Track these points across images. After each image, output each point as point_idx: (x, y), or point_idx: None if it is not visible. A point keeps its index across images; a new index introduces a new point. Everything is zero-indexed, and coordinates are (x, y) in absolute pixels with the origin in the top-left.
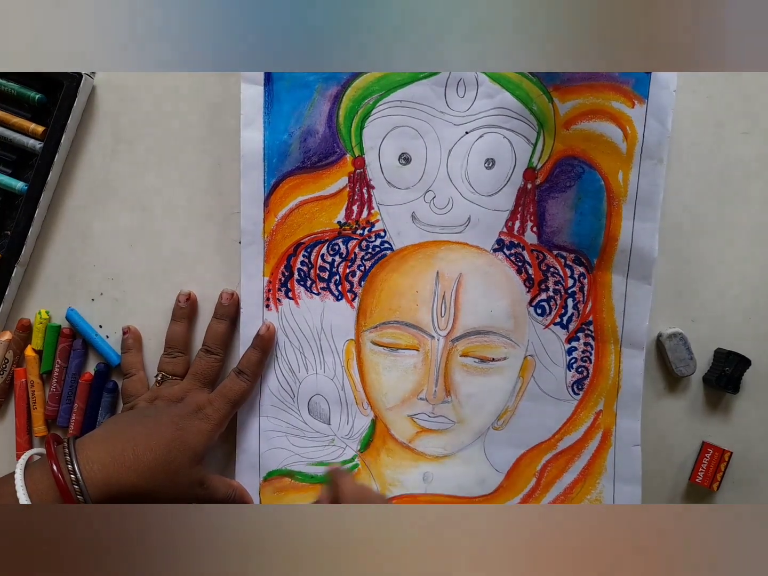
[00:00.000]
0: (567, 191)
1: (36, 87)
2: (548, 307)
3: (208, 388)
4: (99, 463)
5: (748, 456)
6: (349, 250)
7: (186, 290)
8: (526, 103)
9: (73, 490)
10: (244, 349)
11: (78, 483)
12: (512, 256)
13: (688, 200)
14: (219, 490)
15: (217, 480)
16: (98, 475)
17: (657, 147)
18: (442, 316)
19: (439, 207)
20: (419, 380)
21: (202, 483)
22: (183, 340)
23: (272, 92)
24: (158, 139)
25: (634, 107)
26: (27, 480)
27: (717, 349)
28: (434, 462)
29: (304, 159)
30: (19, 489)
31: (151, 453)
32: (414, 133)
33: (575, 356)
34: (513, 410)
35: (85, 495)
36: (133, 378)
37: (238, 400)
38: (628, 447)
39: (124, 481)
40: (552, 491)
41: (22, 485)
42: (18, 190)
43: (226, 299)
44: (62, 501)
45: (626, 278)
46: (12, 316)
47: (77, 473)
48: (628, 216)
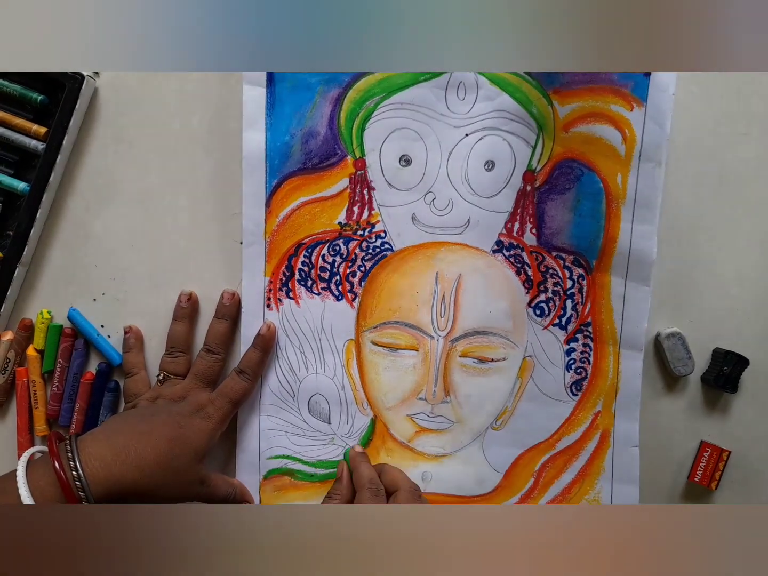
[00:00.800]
0: (566, 193)
1: (38, 88)
2: (547, 308)
3: (209, 387)
4: (101, 460)
5: (746, 455)
6: (349, 250)
7: (187, 290)
8: (525, 105)
9: (75, 486)
10: (245, 348)
11: (80, 480)
12: (511, 257)
13: (686, 200)
14: (220, 488)
15: (218, 478)
16: (100, 473)
17: (656, 150)
18: (441, 317)
19: (439, 208)
20: (419, 380)
21: (203, 481)
22: (184, 339)
23: (274, 94)
24: (160, 140)
25: (633, 110)
26: (29, 477)
27: (715, 349)
28: (433, 461)
29: (306, 160)
30: (21, 486)
31: (153, 451)
32: (415, 135)
33: (574, 357)
34: (512, 411)
35: (87, 492)
36: (134, 377)
37: (239, 400)
38: (627, 448)
39: (125, 479)
40: (550, 491)
41: (24, 483)
42: (20, 191)
43: (227, 299)
44: (64, 498)
45: (625, 280)
46: (14, 315)
47: (79, 470)
48: (626, 218)
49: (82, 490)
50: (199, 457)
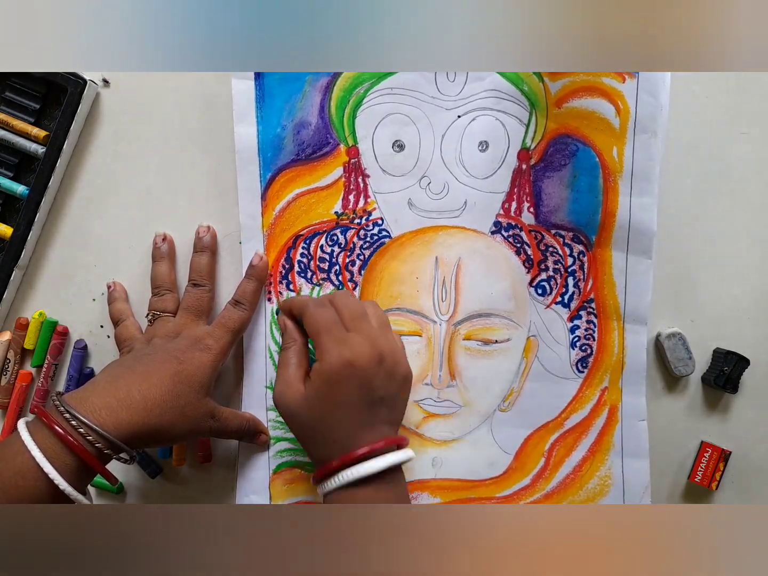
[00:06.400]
0: (562, 170)
1: (40, 90)
2: (549, 286)
3: (202, 320)
4: (106, 408)
5: (746, 455)
6: (347, 239)
7: (161, 231)
8: (516, 83)
9: (87, 441)
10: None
11: (91, 433)
12: (510, 237)
13: (686, 200)
14: (231, 421)
15: (228, 412)
16: (108, 420)
17: (650, 121)
18: (443, 301)
19: (435, 192)
20: (423, 365)
21: (213, 415)
22: (168, 278)
23: (263, 86)
24: (159, 140)
25: (625, 82)
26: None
27: (716, 349)
28: (442, 446)
29: (299, 151)
30: (32, 447)
31: (157, 390)
32: (406, 120)
33: (578, 334)
34: (518, 391)
35: (103, 440)
36: (125, 323)
37: (238, 329)
38: (635, 422)
39: (135, 422)
40: (562, 470)
41: (32, 443)
42: (19, 194)
43: (203, 232)
44: (75, 454)
45: (626, 254)
46: (12, 316)
47: (89, 423)
48: (624, 191)
49: (97, 442)
50: (204, 389)
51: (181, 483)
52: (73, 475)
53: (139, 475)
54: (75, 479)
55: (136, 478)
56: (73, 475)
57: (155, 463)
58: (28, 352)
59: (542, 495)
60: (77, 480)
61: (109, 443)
